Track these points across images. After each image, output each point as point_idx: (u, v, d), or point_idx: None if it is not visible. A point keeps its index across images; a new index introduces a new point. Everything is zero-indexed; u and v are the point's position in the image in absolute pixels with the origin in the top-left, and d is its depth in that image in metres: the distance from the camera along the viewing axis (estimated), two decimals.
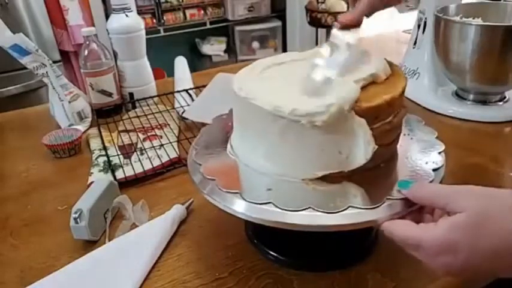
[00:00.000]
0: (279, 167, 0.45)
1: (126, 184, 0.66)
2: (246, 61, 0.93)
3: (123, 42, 0.89)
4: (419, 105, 0.88)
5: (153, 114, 0.86)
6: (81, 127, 0.84)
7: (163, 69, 2.04)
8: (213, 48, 2.88)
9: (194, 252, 0.53)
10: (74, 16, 1.00)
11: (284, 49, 2.92)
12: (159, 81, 1.02)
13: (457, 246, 0.34)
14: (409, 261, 0.48)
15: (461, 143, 0.73)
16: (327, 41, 0.51)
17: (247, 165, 0.48)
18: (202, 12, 2.71)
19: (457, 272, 0.36)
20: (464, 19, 0.82)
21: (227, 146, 0.52)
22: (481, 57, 0.76)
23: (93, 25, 1.03)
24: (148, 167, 0.69)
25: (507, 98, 0.85)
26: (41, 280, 0.48)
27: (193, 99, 0.91)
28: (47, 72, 0.82)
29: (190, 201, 0.59)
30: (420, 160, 0.47)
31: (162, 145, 0.74)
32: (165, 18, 2.57)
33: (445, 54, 0.81)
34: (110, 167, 0.69)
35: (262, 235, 0.52)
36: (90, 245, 0.54)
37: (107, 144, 0.76)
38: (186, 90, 0.94)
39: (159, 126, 0.82)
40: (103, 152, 0.74)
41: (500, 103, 0.84)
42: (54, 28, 1.04)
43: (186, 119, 0.83)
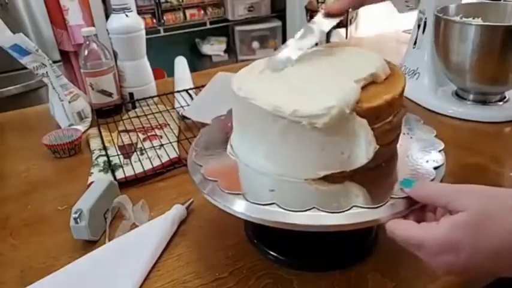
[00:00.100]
0: (281, 167, 0.45)
1: (126, 184, 0.66)
2: (246, 61, 0.93)
3: (123, 42, 0.89)
4: (419, 105, 0.88)
5: (153, 114, 0.86)
6: (81, 127, 0.84)
7: (163, 69, 2.04)
8: (213, 48, 2.88)
9: (194, 252, 0.53)
10: (74, 16, 1.00)
11: None
12: (159, 81, 1.02)
13: (458, 245, 0.34)
14: (409, 261, 0.48)
15: (461, 143, 0.73)
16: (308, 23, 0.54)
17: (248, 165, 0.48)
18: (202, 12, 2.71)
19: (459, 272, 0.36)
20: (464, 19, 0.82)
21: (227, 146, 0.52)
22: (481, 57, 0.76)
23: (93, 25, 1.03)
24: (148, 167, 0.69)
25: (507, 98, 0.85)
26: (41, 280, 0.48)
27: (193, 99, 0.91)
28: (47, 72, 0.82)
29: (190, 201, 0.59)
30: (421, 159, 0.47)
31: (162, 145, 0.74)
32: (165, 18, 2.57)
33: (445, 54, 0.81)
34: (110, 167, 0.69)
35: (262, 235, 0.52)
36: (90, 245, 0.54)
37: (107, 144, 0.76)
38: (186, 90, 0.94)
39: (159, 126, 0.82)
40: (103, 152, 0.74)
41: (500, 103, 0.84)
42: (54, 28, 1.04)
43: (186, 119, 0.83)
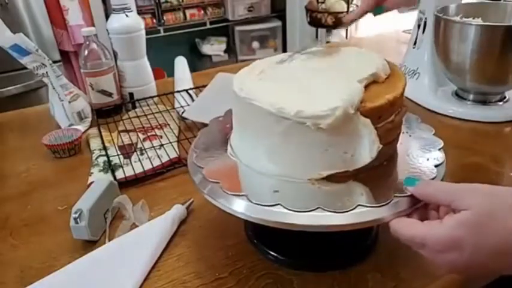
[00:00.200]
0: (283, 167, 0.44)
1: (126, 184, 0.66)
2: (246, 61, 0.93)
3: (123, 42, 0.89)
4: (419, 105, 0.88)
5: (153, 114, 0.86)
6: (81, 127, 0.84)
7: (163, 69, 2.04)
8: (213, 48, 2.88)
9: (194, 252, 0.53)
10: (74, 16, 1.00)
11: (284, 49, 2.92)
12: (159, 81, 1.02)
13: (462, 243, 0.34)
14: (409, 261, 0.48)
15: (461, 143, 0.73)
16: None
17: (249, 166, 0.47)
18: (202, 12, 2.71)
19: (462, 270, 0.36)
20: (464, 19, 0.82)
21: (227, 147, 0.52)
22: (481, 57, 0.76)
23: (93, 25, 1.03)
24: (148, 167, 0.69)
25: (507, 98, 0.85)
26: (41, 280, 0.48)
27: (193, 99, 0.91)
28: (47, 72, 0.82)
29: (190, 201, 0.59)
30: (421, 157, 0.47)
31: (162, 145, 0.74)
32: (165, 18, 2.56)
33: (445, 54, 0.81)
34: (110, 167, 0.69)
35: (262, 235, 0.52)
36: (90, 245, 0.54)
37: (107, 144, 0.76)
38: (186, 90, 0.94)
39: (159, 126, 0.82)
40: (103, 152, 0.74)
41: (500, 103, 0.84)
42: (54, 28, 1.04)
43: (186, 119, 0.83)
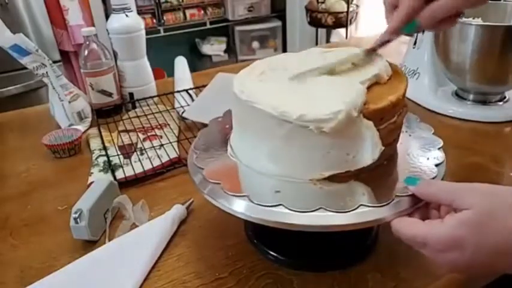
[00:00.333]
0: (284, 168, 0.44)
1: (126, 184, 0.66)
2: (246, 61, 0.93)
3: (123, 42, 0.89)
4: (419, 105, 0.88)
5: (153, 114, 0.86)
6: (81, 127, 0.84)
7: (163, 69, 2.05)
8: (213, 48, 2.88)
9: (194, 252, 0.53)
10: (74, 16, 1.00)
11: (284, 49, 2.93)
12: (159, 81, 1.02)
13: (463, 243, 0.34)
14: (409, 261, 0.48)
15: (461, 143, 0.73)
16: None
17: (250, 167, 0.47)
18: (202, 12, 2.71)
19: (463, 269, 0.36)
20: (464, 19, 0.82)
21: (227, 148, 0.52)
22: (481, 57, 0.76)
23: (93, 25, 1.03)
24: (148, 167, 0.69)
25: (507, 98, 0.85)
26: (41, 280, 0.48)
27: (193, 99, 0.91)
28: (47, 72, 0.82)
29: (190, 201, 0.59)
30: (422, 156, 0.47)
31: (162, 145, 0.74)
32: (165, 18, 2.57)
33: (445, 54, 0.81)
34: (110, 167, 0.69)
35: (262, 235, 0.52)
36: (90, 245, 0.54)
37: (107, 144, 0.76)
38: (186, 90, 0.94)
39: (159, 126, 0.82)
40: (103, 152, 0.74)
41: (500, 103, 0.84)
42: (54, 28, 1.04)
43: (186, 119, 0.83)
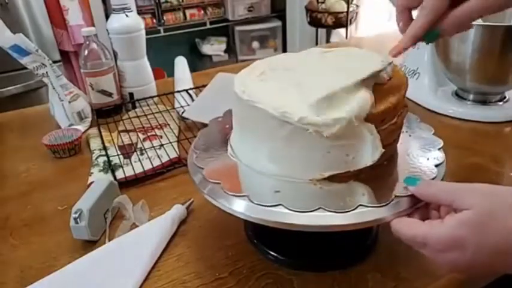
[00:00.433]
0: (285, 168, 0.44)
1: (126, 184, 0.66)
2: (246, 61, 0.93)
3: (123, 42, 0.89)
4: (419, 105, 0.88)
5: (153, 114, 0.86)
6: (81, 127, 0.84)
7: (163, 69, 2.05)
8: (213, 48, 2.88)
9: (194, 252, 0.53)
10: (74, 16, 1.00)
11: (284, 49, 2.93)
12: (159, 81, 1.02)
13: (464, 243, 0.34)
14: (409, 261, 0.48)
15: (461, 143, 0.73)
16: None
17: (250, 167, 0.47)
18: (202, 12, 2.71)
19: (464, 269, 0.36)
20: None
21: (227, 148, 0.52)
22: (481, 57, 0.76)
23: (93, 25, 1.03)
24: (148, 167, 0.69)
25: (507, 98, 0.85)
26: (41, 280, 0.48)
27: (193, 99, 0.91)
28: (47, 72, 0.82)
29: (190, 201, 0.59)
30: (422, 157, 0.47)
31: (162, 145, 0.74)
32: (165, 18, 2.57)
33: (445, 54, 0.81)
34: (110, 167, 0.69)
35: (262, 235, 0.52)
36: (90, 245, 0.54)
37: (107, 144, 0.76)
38: (186, 90, 0.94)
39: (159, 126, 0.82)
40: (103, 152, 0.74)
41: (500, 103, 0.84)
42: (54, 28, 1.04)
43: (186, 119, 0.83)
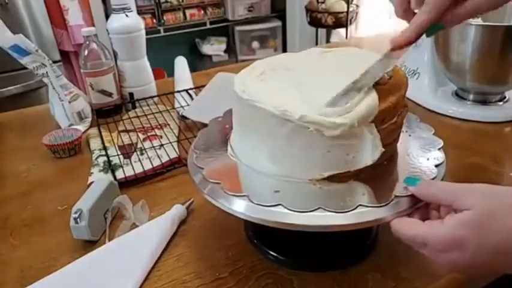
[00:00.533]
0: (285, 168, 0.44)
1: (126, 184, 0.66)
2: (246, 61, 0.93)
3: (123, 42, 0.89)
4: (419, 105, 0.88)
5: (153, 114, 0.86)
6: (81, 127, 0.84)
7: (163, 69, 2.05)
8: (213, 48, 2.88)
9: (194, 252, 0.53)
10: (74, 16, 1.00)
11: (284, 49, 2.93)
12: (159, 81, 1.02)
13: (464, 243, 0.34)
14: (409, 261, 0.48)
15: (461, 143, 0.73)
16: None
17: (250, 167, 0.47)
18: (202, 12, 2.71)
19: (464, 269, 0.36)
20: None
21: (227, 148, 0.52)
22: (481, 57, 0.76)
23: (93, 25, 1.03)
24: (148, 167, 0.69)
25: (507, 98, 0.85)
26: (41, 280, 0.48)
27: (193, 99, 0.91)
28: (47, 72, 0.82)
29: (190, 201, 0.59)
30: (422, 157, 0.47)
31: (162, 145, 0.74)
32: (165, 18, 2.57)
33: (445, 54, 0.81)
34: (110, 167, 0.69)
35: (262, 235, 0.52)
36: (90, 245, 0.54)
37: (107, 144, 0.76)
38: (186, 90, 0.94)
39: (159, 126, 0.82)
40: (103, 152, 0.74)
41: (500, 103, 0.84)
42: (54, 28, 1.04)
43: (186, 119, 0.83)
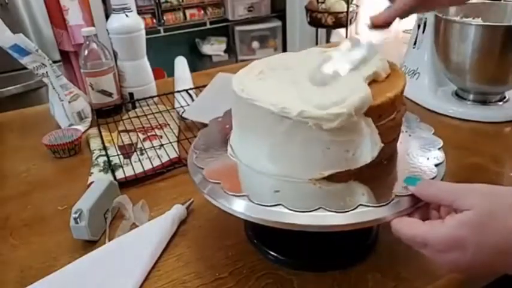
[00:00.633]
0: (285, 167, 0.44)
1: (126, 184, 0.66)
2: (246, 61, 0.93)
3: (123, 42, 0.89)
4: (419, 105, 0.88)
5: (153, 114, 0.86)
6: (81, 127, 0.84)
7: (163, 69, 2.05)
8: (213, 48, 2.88)
9: (194, 252, 0.53)
10: (74, 16, 1.00)
11: (284, 49, 2.93)
12: (159, 81, 1.02)
13: (465, 243, 0.34)
14: (409, 261, 0.48)
15: (461, 143, 0.73)
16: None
17: (250, 166, 0.47)
18: (202, 12, 2.71)
19: (464, 269, 0.36)
20: (464, 19, 0.82)
21: (227, 148, 0.52)
22: (481, 57, 0.76)
23: (93, 25, 1.03)
24: (148, 167, 0.69)
25: (507, 98, 0.85)
26: (41, 280, 0.48)
27: (193, 99, 0.91)
28: (47, 72, 0.82)
29: (190, 201, 0.59)
30: (421, 156, 0.48)
31: (162, 145, 0.74)
32: (165, 18, 2.57)
33: (445, 54, 0.81)
34: (110, 167, 0.69)
35: (262, 235, 0.52)
36: (90, 245, 0.54)
37: (107, 144, 0.76)
38: (186, 90, 0.94)
39: (159, 126, 0.82)
40: (103, 152, 0.74)
41: (500, 103, 0.84)
42: (54, 28, 1.04)
43: (186, 119, 0.83)
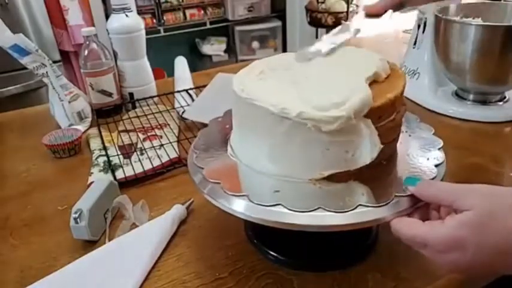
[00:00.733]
0: (284, 168, 0.44)
1: (126, 184, 0.66)
2: (246, 61, 0.93)
3: (123, 42, 0.89)
4: (419, 105, 0.88)
5: (153, 114, 0.86)
6: (81, 127, 0.84)
7: (163, 69, 2.05)
8: (213, 48, 2.88)
9: (194, 252, 0.53)
10: (74, 16, 1.00)
11: (284, 49, 2.93)
12: (159, 81, 1.02)
13: (465, 243, 0.34)
14: (409, 261, 0.48)
15: (461, 143, 0.73)
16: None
17: (250, 166, 0.47)
18: (202, 12, 2.71)
19: (464, 269, 0.36)
20: (464, 19, 0.82)
21: (227, 148, 0.52)
22: (481, 57, 0.76)
23: (93, 25, 1.03)
24: (148, 167, 0.69)
25: (507, 98, 0.85)
26: (41, 280, 0.48)
27: (193, 99, 0.91)
28: (47, 72, 0.82)
29: (190, 201, 0.59)
30: (421, 156, 0.48)
31: (162, 145, 0.74)
32: (165, 18, 2.57)
33: (445, 54, 0.81)
34: (110, 167, 0.69)
35: (262, 235, 0.52)
36: (90, 245, 0.54)
37: (107, 144, 0.76)
38: (186, 90, 0.94)
39: (159, 126, 0.82)
40: (103, 152, 0.74)
41: (500, 103, 0.84)
42: (54, 28, 1.04)
43: (186, 119, 0.83)
